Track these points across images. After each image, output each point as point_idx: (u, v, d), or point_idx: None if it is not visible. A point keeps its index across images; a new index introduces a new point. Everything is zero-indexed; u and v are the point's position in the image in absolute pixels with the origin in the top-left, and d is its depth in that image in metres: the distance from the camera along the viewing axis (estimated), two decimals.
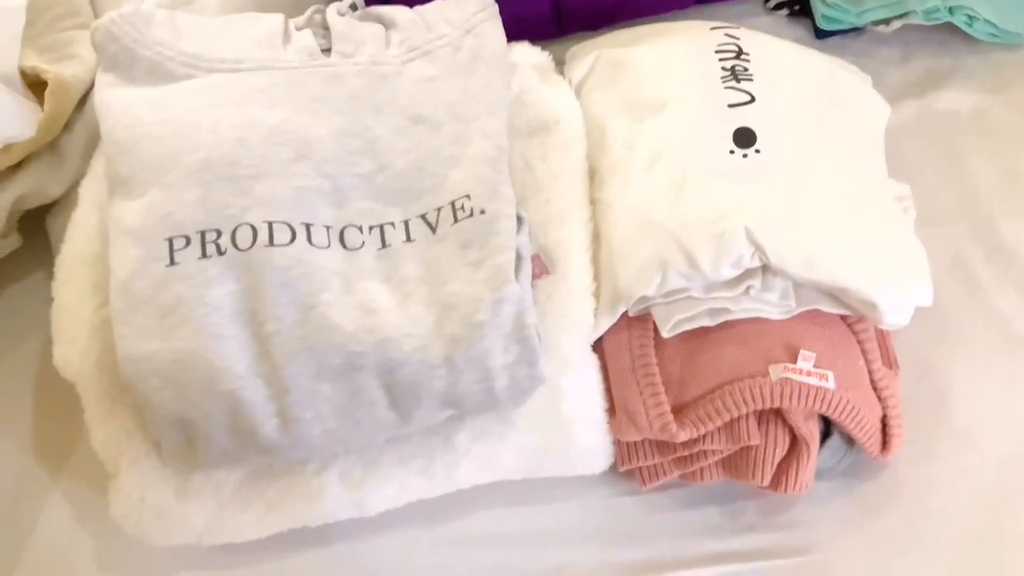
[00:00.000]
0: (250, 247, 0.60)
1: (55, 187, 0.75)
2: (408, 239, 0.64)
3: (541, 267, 0.66)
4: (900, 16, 0.87)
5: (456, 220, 0.64)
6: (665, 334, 0.65)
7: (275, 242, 0.60)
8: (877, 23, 0.88)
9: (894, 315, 0.65)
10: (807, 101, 0.72)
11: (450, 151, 0.66)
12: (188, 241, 0.59)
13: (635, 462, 0.67)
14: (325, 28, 0.73)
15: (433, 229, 0.64)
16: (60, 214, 0.75)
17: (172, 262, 0.59)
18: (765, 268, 0.64)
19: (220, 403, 0.58)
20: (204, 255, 0.60)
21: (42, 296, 0.66)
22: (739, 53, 0.74)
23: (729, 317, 0.65)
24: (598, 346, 0.68)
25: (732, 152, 0.68)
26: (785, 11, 0.92)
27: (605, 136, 0.72)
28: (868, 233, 0.66)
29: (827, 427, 0.68)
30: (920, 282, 0.66)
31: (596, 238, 0.69)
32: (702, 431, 0.64)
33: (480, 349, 0.60)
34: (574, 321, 0.66)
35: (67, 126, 0.76)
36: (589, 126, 0.74)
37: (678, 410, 0.65)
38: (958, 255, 0.80)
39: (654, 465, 0.68)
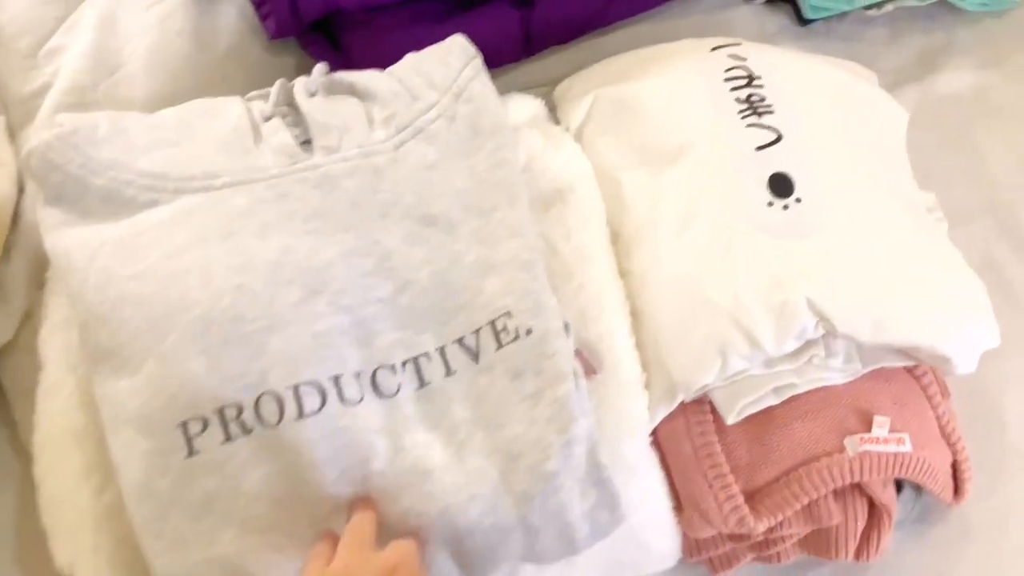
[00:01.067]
0: (278, 421, 0.53)
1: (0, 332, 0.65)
2: (448, 372, 0.57)
3: (588, 367, 0.61)
4: None
5: (500, 344, 0.57)
6: (730, 421, 0.61)
7: (305, 411, 0.53)
8: (868, 7, 0.84)
9: (966, 365, 0.62)
10: (831, 127, 0.68)
11: (475, 255, 0.59)
12: (205, 424, 0.52)
13: (706, 553, 0.64)
14: (290, 105, 0.64)
15: (476, 357, 0.58)
16: (11, 355, 0.66)
17: (191, 452, 0.52)
18: (828, 334, 0.60)
19: None
20: (228, 438, 0.52)
21: None
22: (751, 79, 0.68)
23: (795, 392, 0.61)
24: (652, 435, 0.63)
25: (771, 204, 0.63)
26: None
27: (622, 193, 0.66)
28: (929, 278, 0.63)
29: (897, 480, 0.65)
30: (986, 325, 0.63)
31: (634, 316, 0.63)
32: (780, 518, 0.61)
33: (556, 502, 0.55)
34: (632, 422, 0.61)
35: (3, 254, 0.66)
36: (600, 181, 0.68)
37: (750, 496, 0.61)
38: (987, 255, 0.78)
39: (726, 552, 0.64)
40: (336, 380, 0.54)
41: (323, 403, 0.54)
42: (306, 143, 0.61)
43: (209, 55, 0.78)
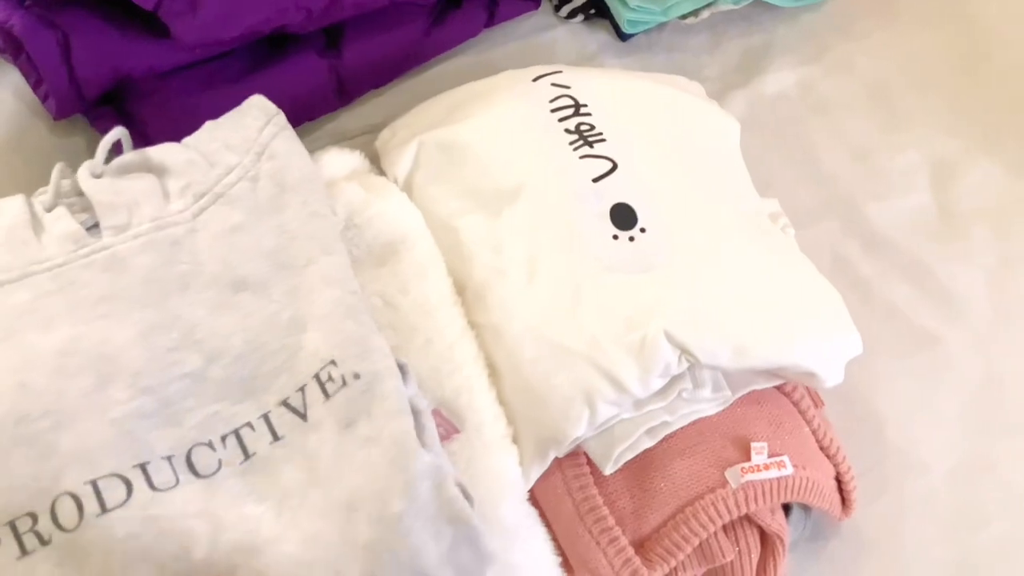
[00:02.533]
0: (78, 524, 0.48)
1: None
2: (275, 438, 0.53)
3: (449, 427, 0.58)
4: (708, 5, 0.83)
5: (328, 396, 0.53)
6: (608, 471, 0.59)
7: (108, 506, 0.49)
8: (685, 16, 0.84)
9: (833, 377, 0.62)
10: (665, 149, 0.67)
11: (291, 313, 0.56)
12: None
13: None
14: (80, 195, 0.59)
15: (303, 416, 0.54)
16: None
17: None
18: (692, 365, 0.59)
19: None
20: (24, 552, 0.48)
21: None
22: (577, 107, 0.67)
23: (669, 430, 0.60)
24: (529, 496, 0.61)
25: (616, 237, 0.61)
26: (580, 18, 0.86)
27: (461, 241, 0.64)
28: (784, 295, 0.62)
29: (785, 503, 0.64)
30: (847, 335, 0.63)
31: (492, 372, 0.61)
32: (673, 564, 0.59)
33: (406, 549, 0.50)
34: (505, 482, 0.58)
35: None
36: (437, 231, 0.65)
37: (639, 545, 0.60)
38: (836, 255, 0.79)
39: None
40: (143, 468, 0.50)
41: (129, 494, 0.49)
42: (94, 227, 0.57)
43: None
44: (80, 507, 0.48)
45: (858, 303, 0.75)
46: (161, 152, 0.60)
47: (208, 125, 0.62)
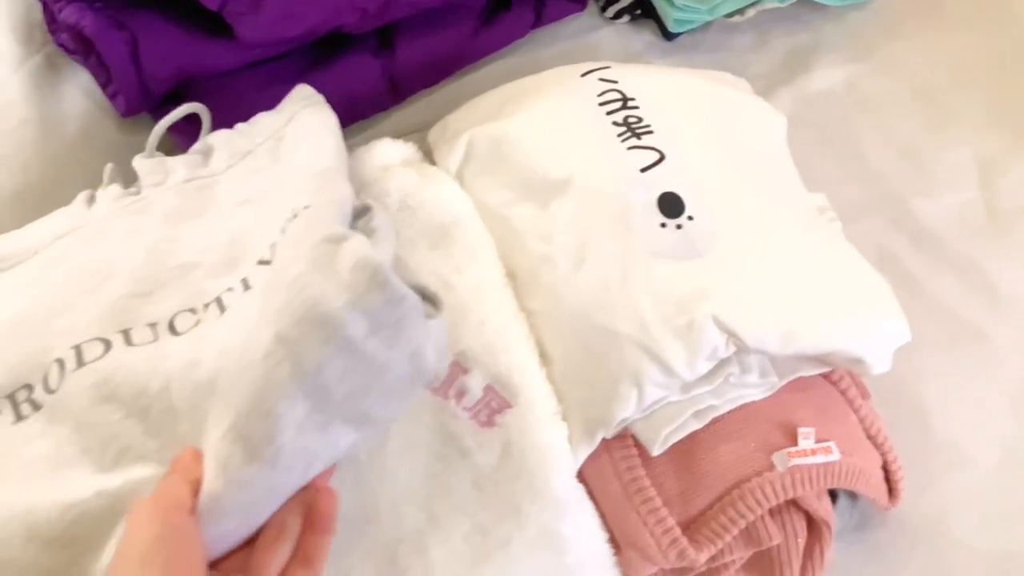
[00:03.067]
0: (60, 383, 0.52)
1: None
2: (247, 288, 0.54)
3: (502, 401, 0.59)
4: (753, 4, 0.84)
5: (285, 233, 0.54)
6: (655, 452, 0.60)
7: (85, 361, 0.53)
8: (731, 15, 0.85)
9: (880, 365, 0.63)
10: (712, 141, 0.68)
11: (279, 201, 0.57)
12: None
13: None
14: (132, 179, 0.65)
15: (270, 262, 0.54)
16: None
17: None
18: (740, 350, 0.60)
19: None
20: (19, 417, 0.52)
21: None
22: (625, 101, 0.68)
23: (716, 413, 0.60)
24: (578, 476, 0.62)
25: (664, 225, 0.62)
26: (626, 18, 0.87)
27: (512, 230, 0.65)
28: (832, 282, 0.63)
29: (832, 490, 0.65)
30: (895, 322, 0.64)
31: (541, 356, 0.62)
32: (720, 545, 0.59)
33: (305, 300, 0.46)
34: (556, 455, 0.59)
35: None
36: (488, 220, 0.66)
37: (686, 527, 0.60)
38: (883, 249, 0.79)
39: None
40: (125, 332, 0.54)
41: (107, 350, 0.53)
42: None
43: (58, 142, 0.76)
44: (63, 367, 0.52)
45: (905, 298, 0.74)
46: (209, 138, 0.66)
47: (259, 114, 0.68)
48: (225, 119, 0.75)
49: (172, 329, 0.54)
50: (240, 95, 0.76)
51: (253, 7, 0.70)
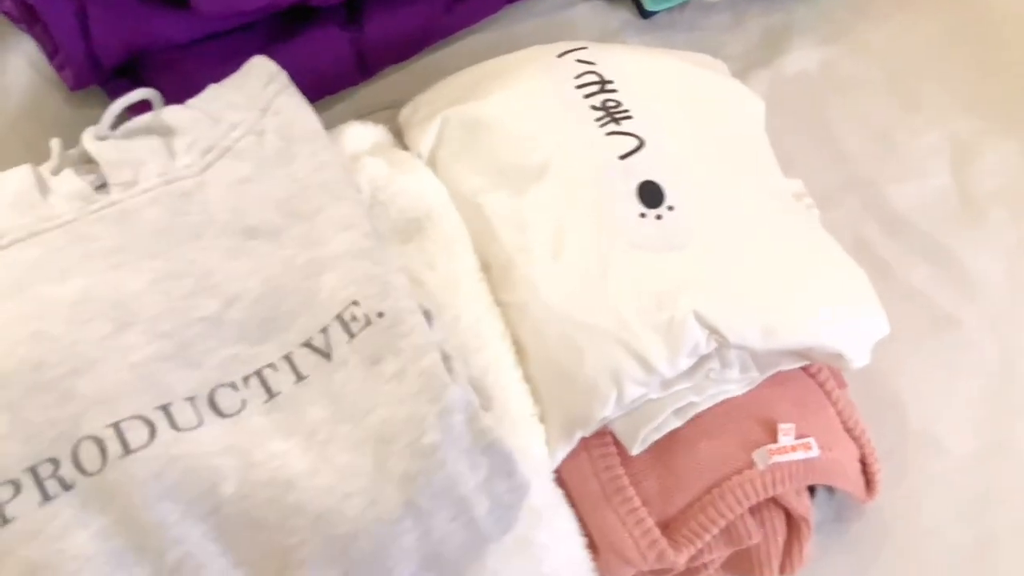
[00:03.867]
0: (101, 467, 0.47)
1: None
2: (299, 378, 0.52)
3: None
4: None
5: (352, 335, 0.52)
6: (635, 451, 0.58)
7: (131, 447, 0.48)
8: None
9: (860, 358, 0.61)
10: (692, 127, 0.66)
11: (306, 256, 0.55)
12: (18, 487, 0.46)
13: None
14: (89, 162, 0.59)
15: (327, 356, 0.52)
16: None
17: (4, 520, 0.46)
18: (721, 346, 0.58)
19: None
20: (46, 498, 0.47)
21: None
22: (603, 83, 0.66)
23: (696, 411, 0.59)
24: (555, 476, 0.60)
25: (643, 215, 0.60)
26: None
27: (486, 219, 0.63)
28: (811, 275, 0.62)
29: (809, 485, 0.64)
30: (874, 315, 0.63)
31: (518, 350, 0.60)
32: (699, 546, 0.58)
33: (443, 477, 0.50)
34: (532, 461, 0.57)
35: None
36: (461, 208, 0.64)
37: (665, 527, 0.59)
38: (857, 236, 0.78)
39: None
40: (165, 409, 0.49)
41: (152, 435, 0.48)
42: (102, 187, 0.57)
43: (1, 117, 0.71)
44: (103, 450, 0.47)
45: (878, 285, 0.73)
46: (163, 114, 0.60)
47: (211, 87, 0.62)
48: (180, 95, 0.70)
49: (215, 408, 0.50)
50: (197, 69, 0.72)
51: None
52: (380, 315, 0.52)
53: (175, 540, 0.47)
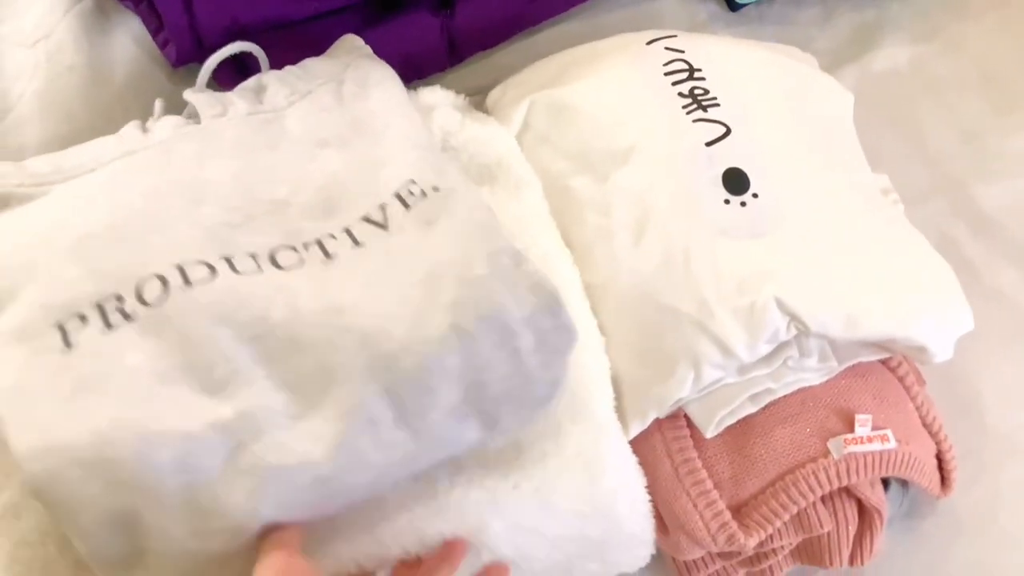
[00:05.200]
0: (163, 298, 0.51)
1: None
2: (356, 244, 0.55)
3: None
4: None
5: (408, 207, 0.56)
6: (709, 435, 0.60)
7: (192, 281, 0.51)
8: None
9: (942, 353, 0.62)
10: (779, 116, 0.67)
11: (372, 156, 0.59)
12: (84, 319, 0.50)
13: (696, 574, 0.62)
14: (187, 115, 0.64)
15: (384, 226, 0.55)
16: None
17: (68, 345, 0.49)
18: (801, 334, 0.59)
19: (168, 476, 0.47)
20: (108, 326, 0.50)
21: None
22: (691, 71, 0.67)
23: (772, 397, 0.60)
24: None
25: (728, 202, 0.62)
26: None
27: (571, 201, 0.65)
28: (896, 266, 0.62)
29: (884, 477, 0.64)
30: (959, 309, 0.63)
31: (600, 330, 0.61)
32: (770, 531, 0.59)
33: (489, 304, 0.51)
34: (598, 378, 0.59)
35: None
36: (548, 189, 0.66)
37: (736, 511, 0.60)
38: (943, 235, 0.78)
39: (717, 571, 0.63)
40: (228, 260, 0.52)
41: (213, 275, 0.51)
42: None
43: (106, 90, 0.75)
44: (165, 283, 0.51)
45: (963, 285, 0.74)
46: (258, 78, 0.65)
47: (305, 60, 0.67)
48: None
49: (274, 262, 0.53)
50: (295, 50, 0.75)
51: None
52: (436, 188, 0.56)
53: (225, 358, 0.50)
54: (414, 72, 0.79)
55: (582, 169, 0.65)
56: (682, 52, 0.69)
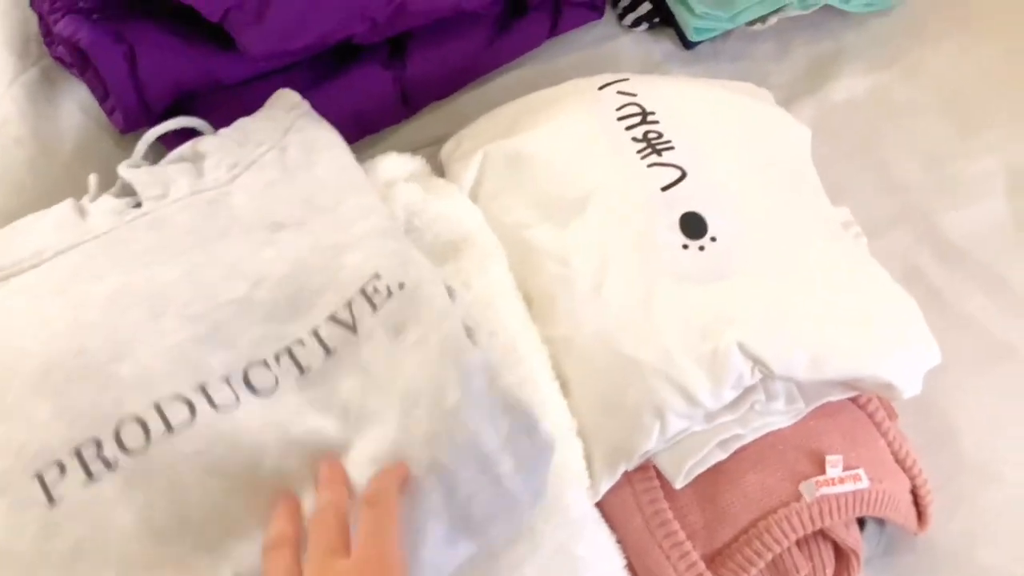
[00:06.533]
0: (145, 445, 0.51)
1: None
2: (328, 353, 0.56)
3: None
4: (776, 11, 0.84)
5: (375, 307, 0.56)
6: (679, 485, 0.60)
7: (174, 425, 0.51)
8: (752, 22, 0.85)
9: (910, 389, 0.62)
10: (735, 157, 0.68)
11: (331, 240, 0.59)
12: (63, 468, 0.50)
13: None
14: (123, 189, 0.64)
15: (353, 328, 0.56)
16: None
17: (51, 500, 0.49)
18: (766, 377, 0.59)
19: None
20: (90, 476, 0.50)
21: None
22: (644, 115, 0.68)
23: (741, 443, 0.60)
24: (599, 509, 0.61)
25: (686, 247, 0.62)
26: (645, 26, 0.87)
27: (529, 252, 0.65)
28: (859, 304, 0.63)
29: (859, 516, 0.65)
30: (925, 344, 0.64)
31: (561, 384, 0.62)
32: None
33: (465, 435, 0.52)
34: (569, 472, 0.59)
35: None
36: (505, 241, 0.66)
37: (711, 560, 0.60)
38: (909, 265, 0.79)
39: None
40: (203, 389, 0.53)
41: (193, 414, 0.52)
42: (137, 207, 0.61)
43: (55, 160, 0.76)
44: (146, 428, 0.51)
45: (932, 314, 0.74)
46: (193, 144, 0.65)
47: (240, 120, 0.67)
48: None
49: (250, 386, 0.54)
50: (244, 109, 0.75)
51: (257, 18, 0.70)
52: (401, 286, 0.56)
53: (219, 513, 0.50)
54: (368, 127, 0.80)
55: (539, 219, 0.66)
56: (635, 95, 0.69)
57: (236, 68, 0.75)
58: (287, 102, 0.68)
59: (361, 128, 0.79)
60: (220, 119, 0.75)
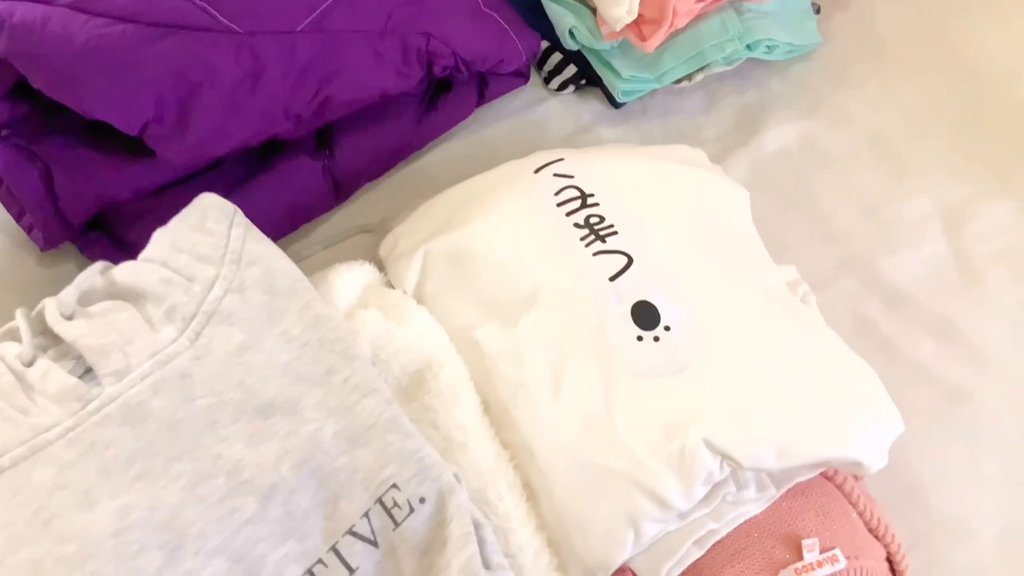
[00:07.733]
0: None
1: None
2: (351, 571, 0.52)
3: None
4: (701, 69, 0.82)
5: (396, 523, 0.53)
6: None
7: None
8: (679, 81, 0.82)
9: (878, 463, 0.61)
10: (679, 234, 0.66)
11: (332, 428, 0.54)
12: None
13: None
14: (43, 331, 0.55)
15: (374, 543, 0.53)
16: None
17: None
18: (735, 470, 0.57)
19: None
20: None
21: None
22: (584, 198, 0.65)
23: (717, 538, 0.58)
24: None
25: (640, 339, 0.59)
26: (571, 88, 0.84)
27: (481, 355, 0.62)
28: (820, 383, 0.61)
29: None
30: (888, 415, 0.62)
31: (528, 491, 0.59)
32: None
33: None
34: None
35: None
36: (455, 342, 0.63)
37: None
38: (858, 315, 0.77)
39: None
40: None
41: None
42: (87, 372, 0.53)
43: None
44: None
45: (885, 365, 0.72)
46: (127, 275, 0.56)
47: (162, 234, 0.58)
48: None
49: None
50: (169, 215, 0.71)
51: (178, 129, 0.66)
52: (422, 501, 0.53)
53: None
54: (301, 218, 0.76)
55: (487, 318, 0.62)
56: (572, 177, 0.66)
57: (157, 175, 0.70)
58: (220, 211, 0.59)
59: (294, 221, 0.75)
60: (144, 227, 0.69)
